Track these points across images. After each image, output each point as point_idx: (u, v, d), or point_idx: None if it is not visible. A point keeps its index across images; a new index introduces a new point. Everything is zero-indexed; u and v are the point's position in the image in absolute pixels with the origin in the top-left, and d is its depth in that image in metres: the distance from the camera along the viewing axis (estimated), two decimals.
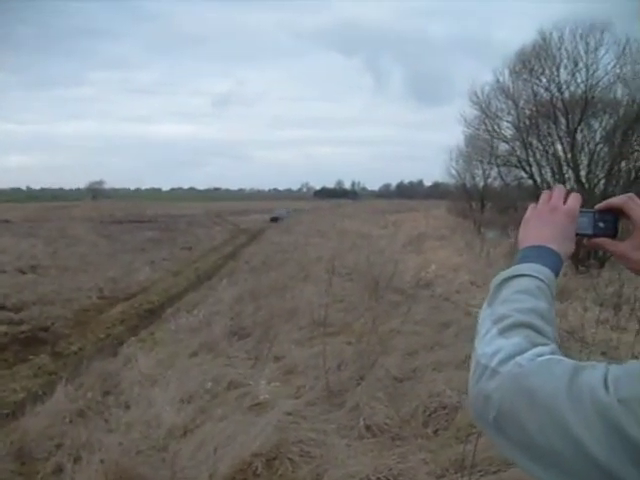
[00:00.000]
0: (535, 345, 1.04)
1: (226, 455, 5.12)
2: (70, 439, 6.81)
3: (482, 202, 34.33)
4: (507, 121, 28.54)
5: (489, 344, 1.08)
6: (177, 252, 29.99)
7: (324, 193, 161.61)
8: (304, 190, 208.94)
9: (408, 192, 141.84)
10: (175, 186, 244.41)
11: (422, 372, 7.23)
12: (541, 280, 1.20)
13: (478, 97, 29.01)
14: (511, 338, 1.06)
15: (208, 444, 5.53)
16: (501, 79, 27.48)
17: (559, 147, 25.37)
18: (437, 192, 73.58)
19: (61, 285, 18.90)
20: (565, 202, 1.37)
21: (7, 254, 26.42)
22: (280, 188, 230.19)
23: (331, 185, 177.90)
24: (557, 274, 1.26)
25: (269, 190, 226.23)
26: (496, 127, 28.76)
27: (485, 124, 29.39)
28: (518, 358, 1.01)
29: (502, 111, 28.49)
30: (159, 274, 22.57)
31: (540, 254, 1.27)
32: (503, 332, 1.09)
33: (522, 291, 1.17)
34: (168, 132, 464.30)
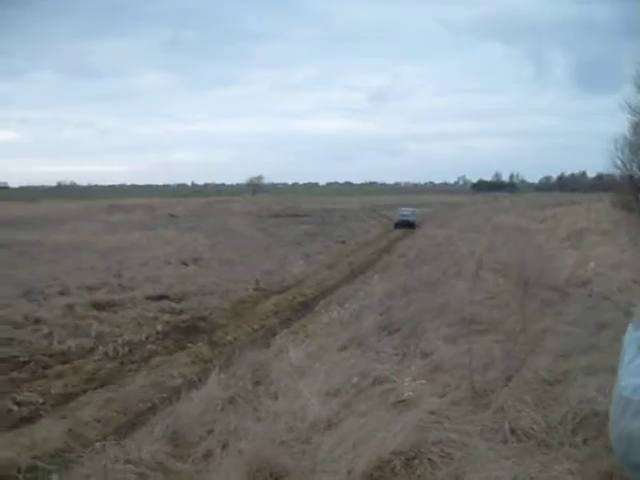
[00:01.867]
0: None
1: (366, 451, 5.13)
2: (220, 426, 7.09)
3: None
4: None
5: (635, 374, 0.94)
6: (331, 245, 30.44)
7: (481, 186, 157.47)
8: (460, 183, 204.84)
9: (570, 184, 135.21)
10: (331, 180, 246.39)
11: (574, 376, 6.90)
12: None
13: None
14: None
15: (349, 439, 5.57)
16: None
17: None
18: (601, 184, 69.57)
19: (220, 277, 19.70)
20: None
21: (172, 247, 27.84)
22: (436, 181, 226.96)
23: (488, 178, 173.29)
24: None
25: (425, 184, 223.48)
26: None
27: None
28: None
29: None
30: (313, 267, 22.99)
31: None
32: None
33: None
34: (325, 127, 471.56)
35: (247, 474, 5.21)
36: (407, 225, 41.30)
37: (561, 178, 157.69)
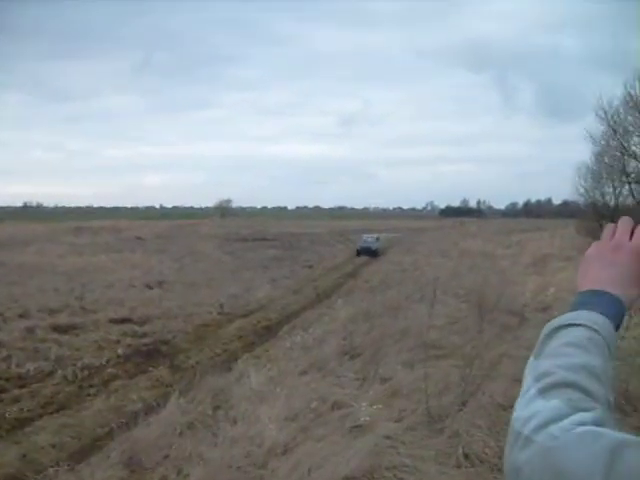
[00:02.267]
0: (577, 410, 0.89)
1: (320, 477, 5.13)
2: (177, 451, 7.05)
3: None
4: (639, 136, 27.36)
5: (526, 406, 0.94)
6: (298, 270, 30.46)
7: (449, 212, 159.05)
8: (428, 208, 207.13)
9: (536, 211, 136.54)
10: (300, 205, 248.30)
11: None
12: (595, 331, 1.02)
13: (605, 112, 27.95)
14: (550, 400, 0.91)
15: (304, 464, 5.57)
16: (633, 92, 26.39)
17: None
18: (567, 211, 69.88)
19: (184, 300, 19.64)
20: (632, 238, 1.17)
21: (137, 269, 27.75)
22: (404, 207, 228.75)
23: (456, 204, 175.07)
24: (618, 325, 1.07)
25: (393, 209, 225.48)
26: (625, 144, 27.63)
27: (614, 140, 28.30)
28: (553, 427, 0.86)
29: (634, 126, 27.33)
30: (279, 292, 23.00)
31: (598, 300, 1.09)
32: (543, 392, 0.94)
33: (571, 344, 1.01)
34: (295, 152, 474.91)
35: None
36: (370, 253, 38.44)
37: (527, 204, 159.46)
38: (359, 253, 38.98)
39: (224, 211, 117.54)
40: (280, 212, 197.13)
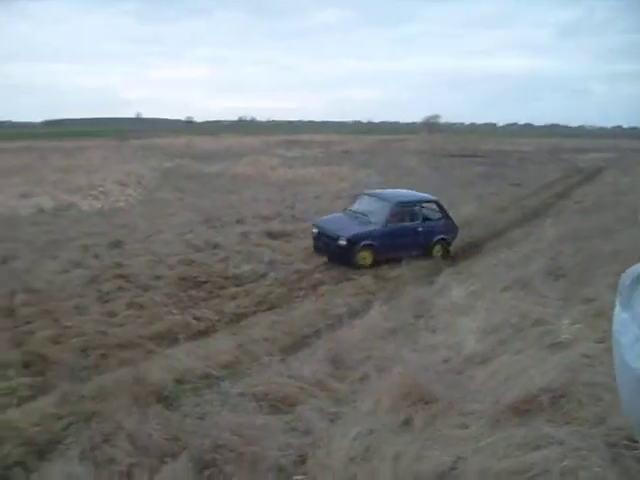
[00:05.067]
0: None
1: (515, 386, 5.21)
2: (379, 352, 7.41)
3: None
4: None
5: None
6: (505, 188, 29.68)
7: None
8: None
9: None
10: (510, 121, 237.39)
11: None
12: None
13: None
14: None
15: (500, 374, 5.67)
16: None
17: None
18: None
19: None
20: None
21: (344, 182, 28.54)
22: (625, 125, 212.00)
23: None
24: None
25: (612, 127, 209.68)
26: None
27: None
28: None
29: None
30: (485, 209, 22.64)
31: None
32: None
33: None
34: (507, 66, 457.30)
35: (398, 396, 5.47)
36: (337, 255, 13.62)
37: None
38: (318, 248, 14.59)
39: (431, 127, 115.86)
40: (489, 128, 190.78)
